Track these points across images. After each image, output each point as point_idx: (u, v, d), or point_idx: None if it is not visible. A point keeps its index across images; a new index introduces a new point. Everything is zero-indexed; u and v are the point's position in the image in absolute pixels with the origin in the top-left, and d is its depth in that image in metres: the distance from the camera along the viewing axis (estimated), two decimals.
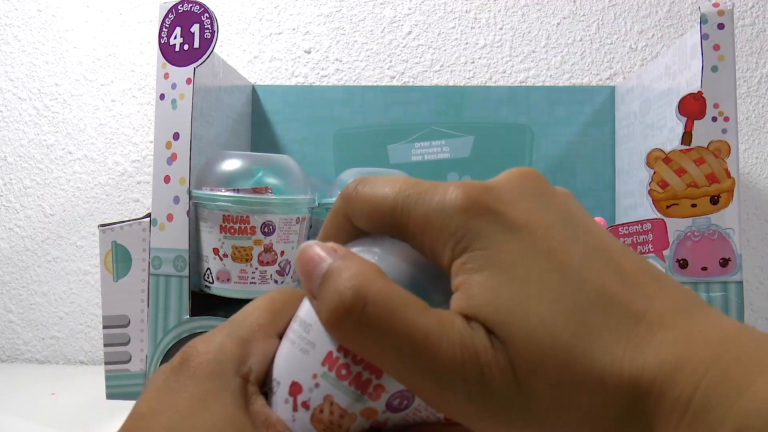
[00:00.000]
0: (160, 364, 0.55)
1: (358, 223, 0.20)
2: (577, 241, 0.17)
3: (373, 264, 0.18)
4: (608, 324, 0.16)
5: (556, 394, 0.15)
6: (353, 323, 0.17)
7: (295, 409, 0.18)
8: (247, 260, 0.54)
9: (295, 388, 0.19)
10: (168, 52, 0.56)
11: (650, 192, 0.55)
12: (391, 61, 0.87)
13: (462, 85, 0.86)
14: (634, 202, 0.72)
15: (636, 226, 0.56)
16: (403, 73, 0.87)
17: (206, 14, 0.56)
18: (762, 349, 0.15)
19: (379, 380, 0.18)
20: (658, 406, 0.15)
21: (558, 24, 0.86)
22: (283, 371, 0.19)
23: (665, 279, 0.17)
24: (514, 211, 0.17)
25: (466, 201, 0.18)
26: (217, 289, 0.55)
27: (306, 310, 0.19)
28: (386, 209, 0.19)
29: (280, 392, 0.19)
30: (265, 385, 0.20)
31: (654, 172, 0.54)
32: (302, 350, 0.19)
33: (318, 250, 0.19)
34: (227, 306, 0.58)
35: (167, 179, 0.55)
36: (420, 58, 0.87)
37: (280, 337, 0.21)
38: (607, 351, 0.15)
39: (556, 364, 0.15)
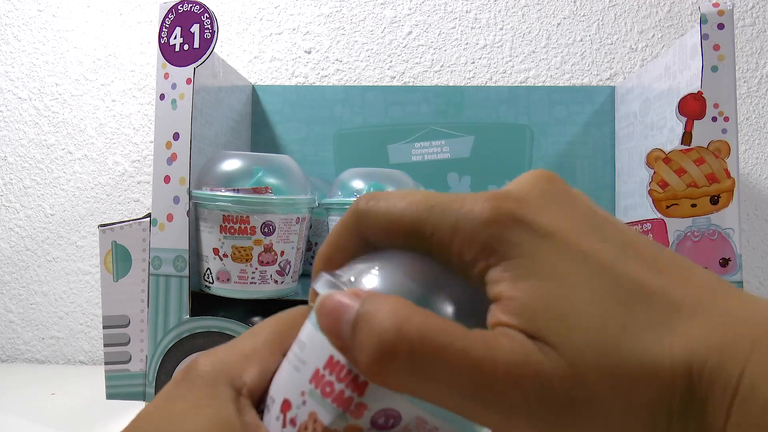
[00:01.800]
0: (160, 365, 0.55)
1: (373, 238, 0.20)
2: (607, 240, 0.18)
3: (400, 299, 0.17)
4: (652, 315, 0.16)
5: (616, 393, 0.16)
6: (401, 366, 0.16)
7: (284, 425, 0.19)
8: (247, 260, 0.54)
9: (285, 406, 0.19)
10: (168, 52, 0.56)
11: (650, 192, 0.55)
12: (391, 62, 0.87)
13: (462, 85, 0.86)
14: (634, 202, 0.72)
15: (636, 226, 0.56)
16: (403, 73, 0.87)
17: (206, 14, 0.56)
18: None
19: (361, 398, 0.18)
20: (710, 390, 0.15)
21: (558, 24, 0.86)
22: (277, 389, 0.20)
23: (693, 266, 0.18)
24: (543, 219, 0.18)
25: (495, 212, 0.18)
26: (217, 289, 0.55)
27: (305, 329, 0.20)
28: (408, 222, 0.19)
29: (274, 409, 0.19)
30: (262, 402, 0.20)
31: (654, 172, 0.54)
32: (295, 368, 0.19)
33: (339, 298, 0.18)
34: (227, 306, 0.58)
35: (167, 179, 0.55)
36: (420, 58, 0.87)
37: (285, 355, 0.21)
38: (656, 342, 0.16)
39: (613, 362, 0.16)
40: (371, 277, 0.19)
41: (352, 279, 0.19)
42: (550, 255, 0.17)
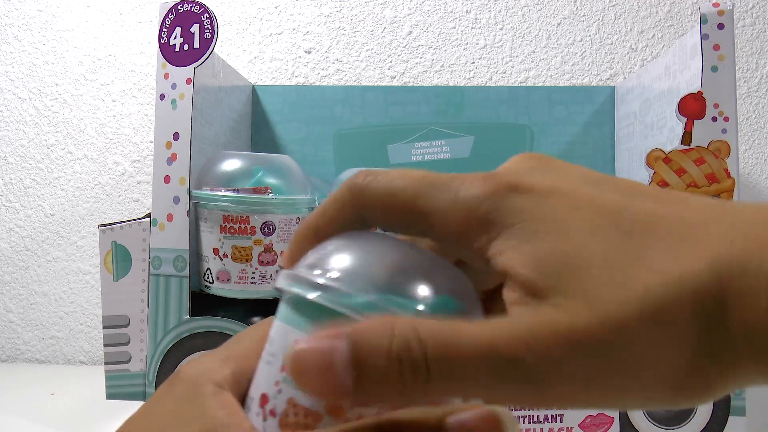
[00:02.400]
0: (160, 365, 0.55)
1: (369, 214, 0.20)
2: (607, 190, 0.17)
3: (388, 318, 0.16)
4: (667, 238, 0.16)
5: (647, 326, 0.15)
6: (422, 379, 0.15)
7: (264, 419, 0.19)
8: (247, 260, 0.54)
9: (263, 400, 0.19)
10: (168, 52, 0.56)
11: None
12: (391, 62, 0.87)
13: (462, 85, 0.86)
14: None
15: None
16: (403, 73, 0.87)
17: (206, 14, 0.56)
18: None
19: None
20: (744, 290, 0.15)
21: (558, 24, 0.86)
22: (255, 387, 0.20)
23: (703, 197, 0.18)
24: (540, 182, 0.18)
25: (492, 184, 0.18)
26: (217, 289, 0.55)
27: (272, 325, 0.20)
28: (406, 199, 0.19)
29: (254, 407, 0.19)
30: (244, 405, 0.20)
31: (654, 172, 0.54)
32: (267, 363, 0.19)
33: (314, 344, 0.16)
34: (227, 306, 0.58)
35: (167, 179, 0.55)
36: (420, 58, 0.87)
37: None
38: (677, 262, 0.15)
39: (635, 295, 0.15)
40: (338, 265, 0.18)
41: (325, 272, 0.18)
42: (551, 210, 0.17)
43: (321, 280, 0.18)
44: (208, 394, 0.19)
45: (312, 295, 0.17)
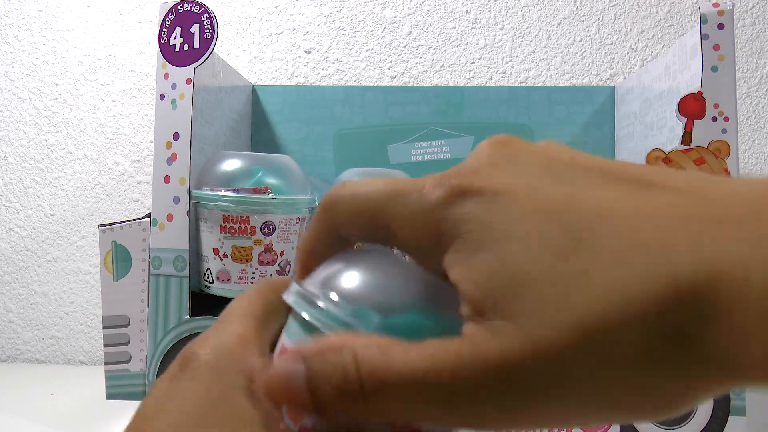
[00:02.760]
0: (160, 365, 0.55)
1: (342, 230, 0.20)
2: (566, 180, 0.16)
3: (338, 337, 0.17)
4: (618, 244, 0.14)
5: (583, 354, 0.14)
6: (361, 401, 0.16)
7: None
8: (247, 260, 0.54)
9: None
10: (168, 52, 0.56)
11: None
12: (391, 62, 0.87)
13: (462, 85, 0.86)
14: None
15: None
16: (403, 73, 0.87)
17: (206, 14, 0.56)
18: None
19: None
20: (716, 305, 0.13)
21: (558, 24, 0.86)
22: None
23: (691, 172, 0.16)
24: (492, 182, 0.16)
25: (443, 191, 0.17)
26: (217, 289, 0.55)
27: (284, 334, 0.20)
28: (371, 210, 0.19)
29: None
30: None
31: None
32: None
33: (280, 366, 0.17)
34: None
35: (167, 179, 0.55)
36: (420, 58, 0.87)
37: (277, 332, 0.21)
38: (625, 274, 0.14)
39: (574, 318, 0.14)
40: (337, 286, 0.19)
41: (326, 289, 0.19)
42: (498, 217, 0.16)
43: (299, 293, 0.19)
44: (240, 386, 0.18)
45: (293, 304, 0.19)
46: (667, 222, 0.14)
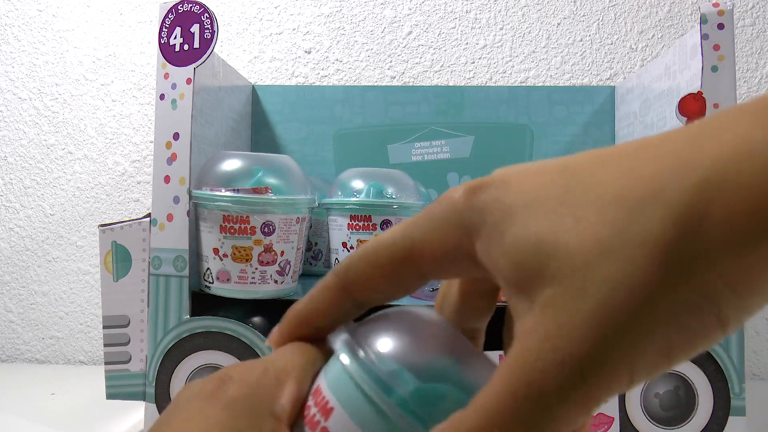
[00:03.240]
0: (160, 365, 0.55)
1: (359, 292, 0.20)
2: (581, 158, 0.17)
3: None
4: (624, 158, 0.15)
5: (617, 289, 0.14)
6: None
7: None
8: (247, 260, 0.54)
9: None
10: (168, 52, 0.56)
11: None
12: (391, 62, 0.87)
13: (462, 85, 0.86)
14: None
15: None
16: (403, 73, 0.87)
17: (206, 14, 0.56)
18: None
19: (326, 423, 0.18)
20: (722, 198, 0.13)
21: (558, 24, 0.86)
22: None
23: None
24: (502, 174, 0.17)
25: (463, 189, 0.17)
26: (217, 289, 0.55)
27: (322, 374, 0.20)
28: (388, 250, 0.19)
29: None
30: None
31: None
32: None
33: None
34: (227, 306, 0.58)
35: (167, 179, 0.55)
36: (420, 58, 0.87)
37: (313, 379, 0.21)
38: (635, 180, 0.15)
39: (602, 261, 0.14)
40: (382, 342, 0.19)
41: (370, 342, 0.19)
42: (514, 194, 0.16)
43: (345, 341, 0.19)
44: (268, 430, 0.18)
45: (337, 350, 0.19)
46: (656, 141, 0.15)
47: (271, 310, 0.61)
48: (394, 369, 0.18)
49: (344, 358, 0.19)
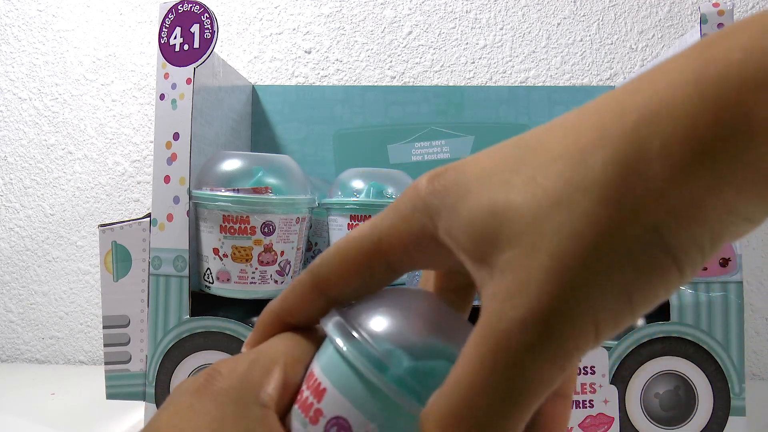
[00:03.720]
0: (160, 365, 0.55)
1: (331, 288, 0.20)
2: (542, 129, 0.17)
3: None
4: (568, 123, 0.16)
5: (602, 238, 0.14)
6: None
7: None
8: (247, 260, 0.54)
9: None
10: (168, 52, 0.56)
11: None
12: (391, 62, 0.87)
13: (462, 85, 0.86)
14: None
15: None
16: (403, 73, 0.87)
17: (206, 14, 0.56)
18: None
19: (319, 404, 0.18)
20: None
21: (558, 24, 0.86)
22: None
23: None
24: (463, 160, 0.18)
25: (427, 176, 0.18)
26: (217, 289, 0.55)
27: (315, 359, 0.20)
28: (358, 244, 0.19)
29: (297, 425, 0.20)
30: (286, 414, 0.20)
31: None
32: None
33: None
34: (227, 306, 0.58)
35: (167, 179, 0.55)
36: (420, 58, 0.87)
37: (305, 368, 0.21)
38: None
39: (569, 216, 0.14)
40: (375, 322, 0.19)
41: (362, 323, 0.19)
42: (469, 172, 0.17)
43: (338, 323, 0.19)
44: (254, 418, 0.18)
45: (329, 333, 0.19)
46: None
47: None
48: (387, 347, 0.18)
49: (337, 340, 0.18)
